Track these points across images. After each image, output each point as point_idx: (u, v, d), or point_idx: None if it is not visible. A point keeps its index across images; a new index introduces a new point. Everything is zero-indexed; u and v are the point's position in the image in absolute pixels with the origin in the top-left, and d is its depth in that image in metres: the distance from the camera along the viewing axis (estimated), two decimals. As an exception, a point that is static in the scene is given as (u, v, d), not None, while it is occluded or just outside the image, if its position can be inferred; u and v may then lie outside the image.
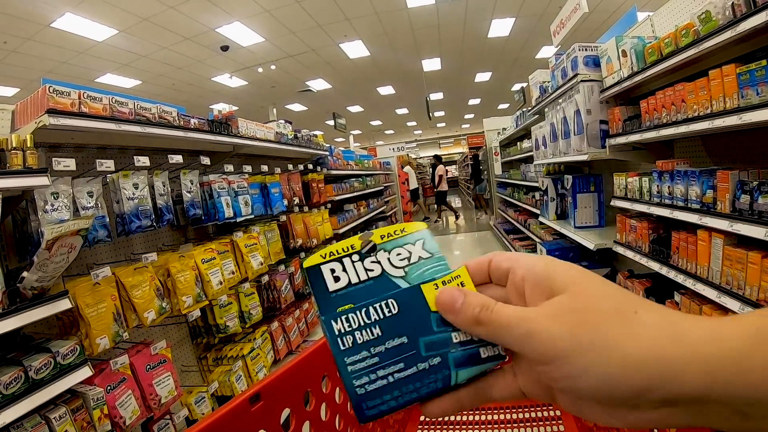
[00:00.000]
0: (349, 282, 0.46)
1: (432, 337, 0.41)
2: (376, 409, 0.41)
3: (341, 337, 0.42)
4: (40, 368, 1.78)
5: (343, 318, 0.43)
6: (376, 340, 0.42)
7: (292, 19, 9.14)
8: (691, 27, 2.29)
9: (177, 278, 2.61)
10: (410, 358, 0.41)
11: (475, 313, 0.38)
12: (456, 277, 0.43)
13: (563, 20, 5.55)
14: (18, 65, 8.91)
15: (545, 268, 0.38)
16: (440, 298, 0.41)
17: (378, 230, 0.48)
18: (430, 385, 0.41)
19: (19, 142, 1.82)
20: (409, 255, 0.46)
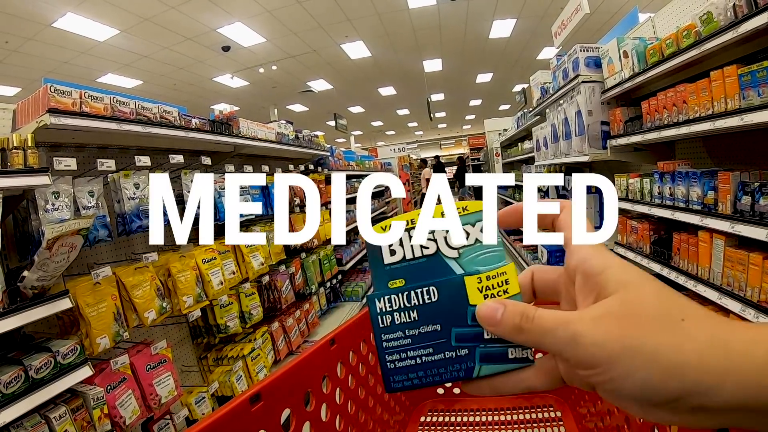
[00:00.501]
0: (404, 257, 0.47)
1: (464, 330, 0.43)
2: (400, 384, 0.45)
3: (381, 315, 0.46)
4: (40, 368, 1.78)
5: (385, 298, 0.46)
6: (412, 323, 0.44)
7: (293, 20, 9.14)
8: (693, 28, 2.29)
9: (177, 278, 2.61)
10: (440, 345, 0.43)
11: (515, 322, 0.38)
12: (502, 273, 0.43)
13: (564, 21, 5.56)
14: (19, 65, 8.92)
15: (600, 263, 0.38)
16: (481, 313, 0.41)
17: (440, 207, 0.48)
18: (453, 373, 0.43)
19: (20, 142, 1.82)
20: (467, 236, 0.46)
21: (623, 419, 0.88)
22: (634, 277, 0.36)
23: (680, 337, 0.32)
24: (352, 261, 6.02)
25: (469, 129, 30.14)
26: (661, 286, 0.36)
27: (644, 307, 0.34)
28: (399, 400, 1.27)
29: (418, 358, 0.44)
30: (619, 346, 0.33)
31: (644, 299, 0.34)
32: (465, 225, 0.46)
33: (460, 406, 1.35)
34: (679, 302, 0.34)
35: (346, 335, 1.00)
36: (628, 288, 0.35)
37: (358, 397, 1.03)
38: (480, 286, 0.43)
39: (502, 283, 0.43)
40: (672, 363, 0.31)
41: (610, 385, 0.34)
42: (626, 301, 0.35)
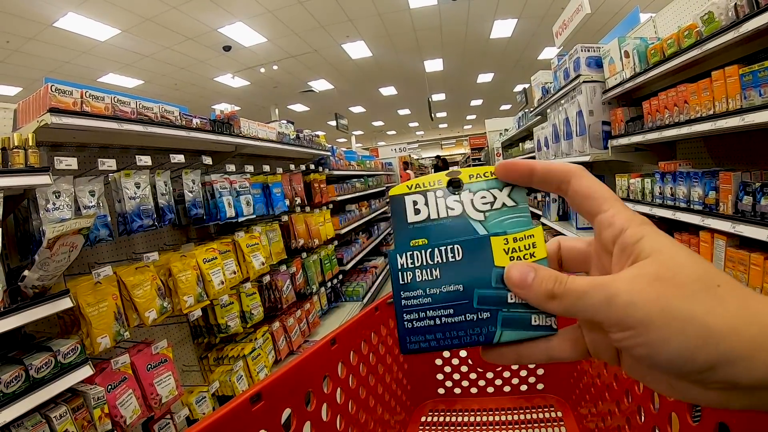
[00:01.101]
0: (428, 216, 0.46)
1: (488, 292, 0.41)
2: (416, 345, 0.43)
3: (402, 272, 0.44)
4: (40, 367, 1.78)
5: (408, 254, 0.44)
6: (434, 281, 0.43)
7: (294, 20, 9.14)
8: (694, 28, 2.29)
9: (178, 278, 2.61)
10: (461, 307, 0.42)
11: (548, 287, 0.37)
12: (530, 236, 0.42)
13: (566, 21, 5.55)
14: (20, 65, 8.92)
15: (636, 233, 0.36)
16: (510, 275, 0.40)
17: (467, 169, 0.47)
18: (473, 336, 0.41)
19: (21, 141, 1.82)
20: (494, 200, 0.45)
21: (624, 419, 0.88)
22: (669, 243, 0.35)
23: (718, 302, 0.31)
24: (352, 261, 6.02)
25: (470, 129, 30.12)
26: (695, 254, 0.35)
27: (681, 270, 0.33)
28: (400, 400, 1.27)
29: (438, 318, 0.42)
30: (656, 308, 0.32)
31: (680, 262, 0.34)
32: (492, 189, 0.46)
33: (461, 406, 1.35)
34: (713, 269, 0.34)
35: (347, 335, 1.00)
36: (663, 252, 0.34)
37: (359, 397, 1.03)
38: (506, 248, 0.42)
39: (529, 246, 0.42)
40: (708, 328, 0.31)
41: (644, 350, 0.33)
42: (662, 263, 0.34)
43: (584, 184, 0.41)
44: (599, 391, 1.04)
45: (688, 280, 0.32)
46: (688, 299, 0.32)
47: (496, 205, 0.45)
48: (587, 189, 0.41)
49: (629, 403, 0.87)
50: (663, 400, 0.74)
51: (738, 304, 0.31)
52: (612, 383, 0.95)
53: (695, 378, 0.32)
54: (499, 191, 0.45)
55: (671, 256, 0.34)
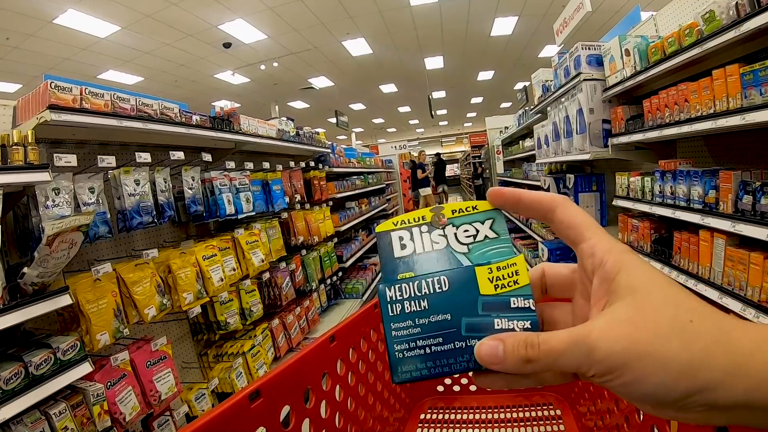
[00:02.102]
0: (414, 251, 0.48)
1: (475, 320, 0.43)
2: (408, 374, 0.44)
3: (391, 304, 0.45)
4: (40, 364, 1.78)
5: (396, 287, 0.46)
6: (422, 312, 0.44)
7: (295, 17, 9.13)
8: (695, 26, 2.28)
9: (178, 275, 2.61)
10: (450, 335, 0.43)
11: (521, 354, 0.37)
12: (512, 264, 0.44)
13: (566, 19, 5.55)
14: (20, 62, 8.91)
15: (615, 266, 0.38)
16: (481, 354, 0.40)
17: (450, 205, 0.49)
18: (462, 363, 0.42)
19: (21, 138, 1.82)
20: (476, 233, 0.48)
21: (623, 418, 0.88)
22: (643, 280, 0.36)
23: (690, 337, 0.33)
24: (352, 258, 6.02)
25: (471, 126, 30.13)
26: (669, 288, 0.36)
27: (654, 312, 0.34)
28: (399, 398, 1.27)
29: (428, 347, 0.43)
30: (631, 354, 0.33)
31: (652, 304, 0.35)
32: (474, 222, 0.48)
33: (459, 403, 1.35)
34: (686, 303, 0.35)
35: (346, 332, 1.00)
36: (636, 293, 0.36)
37: (358, 394, 1.03)
38: (490, 276, 0.44)
39: (512, 274, 0.44)
40: (683, 364, 0.32)
41: (623, 389, 0.35)
42: (636, 307, 0.35)
43: (568, 214, 0.43)
44: (598, 389, 1.04)
45: (661, 322, 0.34)
46: (662, 341, 0.33)
47: (479, 237, 0.47)
48: (570, 218, 0.42)
49: (628, 402, 0.87)
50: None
51: (712, 335, 0.33)
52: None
53: (675, 406, 0.33)
54: (481, 224, 0.48)
55: (645, 297, 0.35)
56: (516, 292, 0.43)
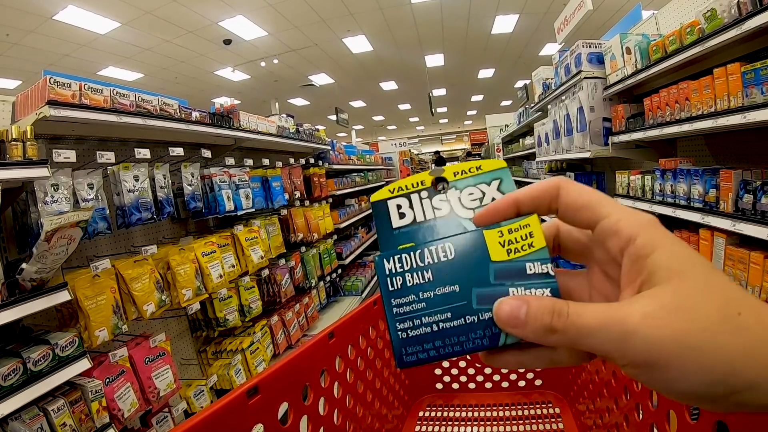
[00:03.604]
0: (414, 219, 0.44)
1: (487, 290, 0.38)
2: (414, 356, 0.39)
3: (391, 277, 0.41)
4: (38, 360, 1.78)
5: (395, 258, 0.41)
6: (426, 284, 0.39)
7: (295, 14, 9.11)
8: (696, 25, 2.28)
9: (177, 271, 2.61)
10: (459, 309, 0.38)
11: (545, 321, 0.33)
12: (525, 225, 0.39)
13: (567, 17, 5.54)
14: (20, 58, 8.89)
15: (649, 244, 0.33)
16: (500, 312, 0.35)
17: (451, 166, 0.45)
18: (476, 341, 0.37)
19: (20, 134, 1.82)
20: (482, 195, 0.43)
21: (622, 416, 0.88)
22: (684, 262, 0.32)
23: (738, 334, 0.30)
24: (352, 255, 6.02)
25: (471, 124, 30.10)
26: (713, 274, 0.32)
27: (701, 300, 0.31)
28: (398, 395, 1.27)
29: (435, 324, 0.38)
30: (676, 347, 0.30)
31: (698, 291, 0.31)
32: (480, 184, 0.44)
33: (458, 401, 1.35)
34: (732, 292, 0.32)
35: (345, 329, 1.00)
36: (681, 278, 0.32)
37: (357, 391, 1.03)
38: (502, 240, 0.39)
39: (526, 236, 0.38)
40: (730, 362, 0.29)
41: (660, 384, 0.32)
42: (679, 293, 0.31)
43: (574, 194, 0.38)
44: (597, 387, 1.04)
45: (709, 312, 0.30)
46: (712, 334, 0.30)
47: (486, 200, 0.43)
48: (578, 198, 0.38)
49: (627, 400, 0.87)
50: (662, 399, 0.74)
51: (758, 331, 0.30)
52: (611, 380, 0.95)
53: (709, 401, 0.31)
54: (487, 185, 0.43)
55: (689, 283, 0.32)
56: (531, 257, 0.38)
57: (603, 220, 0.36)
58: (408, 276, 0.40)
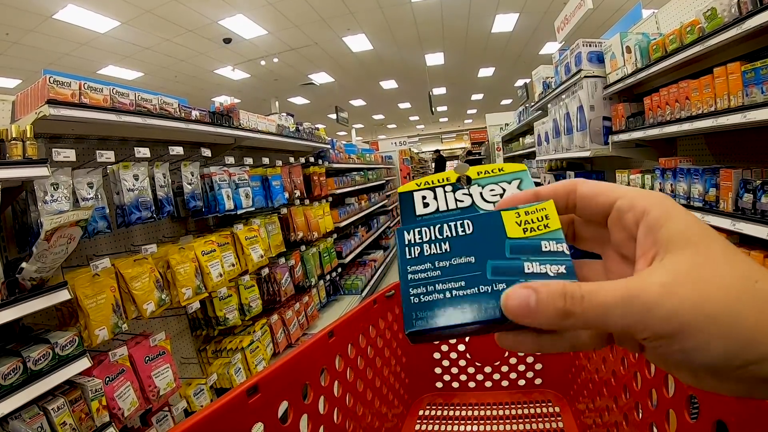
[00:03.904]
0: (437, 209, 0.46)
1: (502, 262, 0.38)
2: (424, 321, 0.38)
3: (409, 247, 0.42)
4: (38, 359, 1.78)
5: (416, 230, 0.42)
6: (443, 254, 0.40)
7: (295, 12, 9.10)
8: (696, 24, 2.28)
9: (177, 270, 2.61)
10: (473, 278, 0.38)
11: (558, 306, 0.32)
12: (541, 209, 0.40)
13: (567, 16, 5.54)
14: (20, 57, 8.88)
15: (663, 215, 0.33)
16: (508, 305, 0.34)
17: (474, 167, 0.47)
18: (488, 310, 0.36)
19: (19, 133, 1.82)
20: (503, 192, 0.45)
21: (621, 415, 0.88)
22: (699, 231, 0.32)
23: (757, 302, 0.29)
24: (351, 254, 6.03)
25: (471, 123, 30.10)
26: (727, 245, 0.32)
27: (716, 269, 0.30)
28: (397, 394, 1.27)
29: (448, 291, 0.38)
30: (696, 315, 0.29)
31: (715, 260, 0.31)
32: (500, 183, 0.46)
33: (458, 399, 1.35)
34: (749, 263, 0.31)
35: (345, 328, 1.00)
36: (697, 247, 0.32)
37: (356, 390, 1.03)
38: (518, 221, 0.40)
39: (542, 218, 0.39)
40: (751, 330, 0.29)
41: (680, 355, 0.31)
42: (696, 262, 0.31)
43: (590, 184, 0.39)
44: (597, 386, 1.04)
45: (731, 281, 0.30)
46: (734, 301, 0.29)
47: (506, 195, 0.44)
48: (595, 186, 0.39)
49: (627, 400, 0.87)
50: (661, 398, 0.74)
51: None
52: (610, 379, 0.95)
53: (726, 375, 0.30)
54: (508, 184, 0.45)
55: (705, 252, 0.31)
56: (547, 236, 0.38)
57: (620, 200, 0.37)
58: (426, 246, 0.41)
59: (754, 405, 0.51)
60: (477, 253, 0.39)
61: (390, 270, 8.22)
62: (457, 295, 0.38)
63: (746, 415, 0.53)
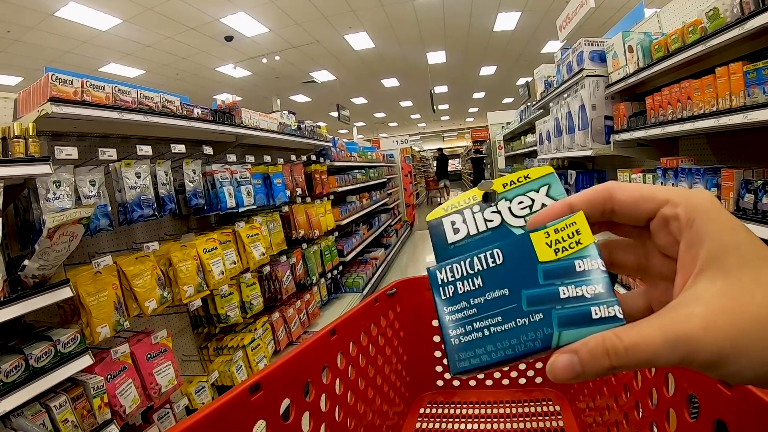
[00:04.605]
0: (468, 233, 0.45)
1: (536, 291, 0.38)
2: (467, 362, 0.39)
3: (443, 287, 0.41)
4: (40, 356, 1.79)
5: (447, 268, 0.42)
6: (476, 290, 0.40)
7: (297, 10, 9.10)
8: (699, 24, 2.27)
9: (178, 268, 2.61)
10: (509, 312, 0.38)
11: (604, 365, 0.32)
12: (571, 223, 0.38)
13: (569, 15, 5.53)
14: (21, 54, 8.88)
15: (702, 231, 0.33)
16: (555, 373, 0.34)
17: (500, 179, 0.45)
18: (527, 343, 0.37)
19: (22, 131, 1.82)
20: (531, 203, 0.44)
21: (622, 415, 0.88)
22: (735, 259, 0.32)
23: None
24: (353, 252, 6.03)
25: (472, 122, 30.10)
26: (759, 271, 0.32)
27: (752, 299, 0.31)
28: (399, 392, 1.27)
29: (486, 329, 0.38)
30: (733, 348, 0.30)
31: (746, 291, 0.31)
32: (529, 192, 0.44)
33: (459, 398, 1.35)
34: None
35: (347, 326, 1.00)
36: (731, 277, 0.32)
37: (358, 387, 1.03)
38: (548, 241, 0.39)
39: (573, 234, 0.38)
40: None
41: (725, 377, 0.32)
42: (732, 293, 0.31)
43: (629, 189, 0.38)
44: (597, 386, 1.04)
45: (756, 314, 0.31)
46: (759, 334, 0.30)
47: (535, 206, 0.43)
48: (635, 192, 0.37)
49: (627, 399, 0.87)
50: (661, 397, 0.74)
51: None
52: (610, 379, 0.96)
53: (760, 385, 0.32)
54: (536, 192, 0.44)
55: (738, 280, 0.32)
56: (580, 254, 0.37)
57: (664, 207, 0.36)
58: (459, 284, 0.41)
59: (754, 405, 0.52)
60: (510, 283, 0.39)
61: (391, 268, 8.22)
62: (496, 332, 0.38)
63: (746, 415, 0.53)
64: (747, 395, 0.53)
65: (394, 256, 8.84)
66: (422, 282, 1.32)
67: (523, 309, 0.38)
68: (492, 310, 0.39)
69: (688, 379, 0.67)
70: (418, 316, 1.34)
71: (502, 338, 0.38)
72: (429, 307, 1.33)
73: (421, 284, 1.32)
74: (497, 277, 0.40)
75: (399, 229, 10.31)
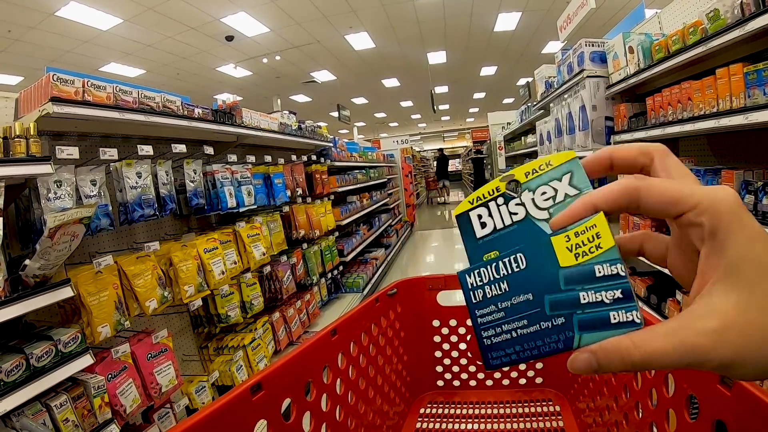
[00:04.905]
0: (495, 227, 0.45)
1: (558, 296, 0.40)
2: (499, 360, 0.43)
3: (473, 291, 0.44)
4: (41, 356, 1.79)
5: (475, 273, 0.44)
6: (503, 295, 0.43)
7: (297, 10, 9.10)
8: (699, 25, 2.28)
9: (179, 267, 2.62)
10: (534, 316, 0.41)
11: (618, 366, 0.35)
12: (591, 226, 0.39)
13: (570, 15, 5.53)
14: (22, 54, 8.89)
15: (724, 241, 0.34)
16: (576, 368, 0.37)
17: (522, 167, 0.45)
18: (551, 345, 0.40)
19: (23, 130, 1.82)
20: (555, 193, 0.43)
21: (622, 415, 0.89)
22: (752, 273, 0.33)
23: None
24: (353, 252, 6.03)
25: (473, 122, 30.10)
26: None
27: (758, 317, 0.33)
28: (399, 392, 1.28)
29: (513, 331, 0.42)
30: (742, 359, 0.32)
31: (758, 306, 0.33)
32: (552, 181, 0.43)
33: (459, 398, 1.35)
34: None
35: (348, 326, 1.01)
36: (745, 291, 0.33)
37: (359, 387, 1.03)
38: (569, 245, 0.40)
39: (593, 238, 0.39)
40: None
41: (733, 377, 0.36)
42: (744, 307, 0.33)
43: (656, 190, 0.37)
44: (597, 386, 1.04)
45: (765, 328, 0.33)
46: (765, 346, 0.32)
47: (559, 198, 0.43)
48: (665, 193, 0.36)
49: (627, 399, 0.87)
50: (661, 397, 0.74)
51: None
52: (610, 378, 0.96)
53: None
54: (559, 181, 0.43)
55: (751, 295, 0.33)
56: (600, 258, 0.39)
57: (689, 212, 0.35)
58: (487, 288, 0.44)
59: (754, 405, 0.52)
60: (534, 288, 0.41)
61: (391, 268, 8.22)
62: (523, 334, 0.42)
63: (746, 415, 0.53)
64: (747, 395, 0.53)
65: (394, 256, 8.84)
66: (423, 282, 1.32)
67: (546, 313, 0.40)
68: (518, 314, 0.42)
69: (688, 379, 0.67)
70: (418, 316, 1.34)
71: (529, 339, 0.41)
72: (429, 308, 1.33)
73: (422, 284, 1.32)
74: (522, 281, 0.42)
75: (399, 229, 10.30)
